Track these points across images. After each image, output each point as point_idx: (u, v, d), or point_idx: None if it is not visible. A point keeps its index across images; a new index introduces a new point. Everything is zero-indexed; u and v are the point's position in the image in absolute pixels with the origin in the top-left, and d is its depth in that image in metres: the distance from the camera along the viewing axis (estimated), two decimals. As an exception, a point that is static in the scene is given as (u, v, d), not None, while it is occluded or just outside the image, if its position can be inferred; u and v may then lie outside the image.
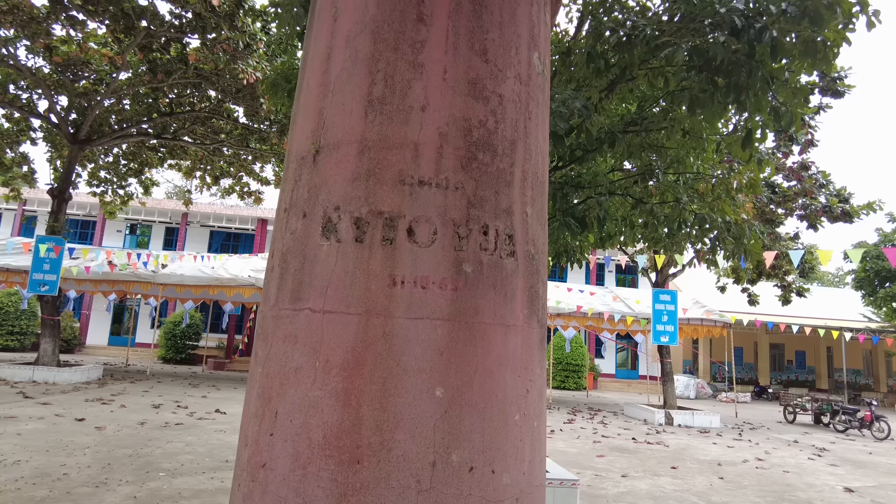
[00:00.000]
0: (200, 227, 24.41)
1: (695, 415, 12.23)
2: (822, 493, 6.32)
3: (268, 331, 1.66)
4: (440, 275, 1.54)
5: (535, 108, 1.87)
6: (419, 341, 1.50)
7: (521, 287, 1.69)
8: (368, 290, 1.52)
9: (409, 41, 1.67)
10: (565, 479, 4.81)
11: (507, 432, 1.58)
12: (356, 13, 1.74)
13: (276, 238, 1.77)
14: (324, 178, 1.65)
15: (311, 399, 1.48)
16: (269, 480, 1.51)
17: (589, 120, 3.29)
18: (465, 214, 1.60)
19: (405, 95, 1.63)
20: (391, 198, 1.57)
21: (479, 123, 1.67)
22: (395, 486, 1.41)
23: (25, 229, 23.91)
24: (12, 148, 15.87)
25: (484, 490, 1.50)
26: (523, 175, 1.77)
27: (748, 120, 3.67)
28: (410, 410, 1.45)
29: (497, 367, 1.59)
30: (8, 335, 19.87)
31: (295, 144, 1.81)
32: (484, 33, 1.74)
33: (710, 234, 4.56)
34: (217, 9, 9.82)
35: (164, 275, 14.55)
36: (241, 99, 12.76)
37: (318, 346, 1.52)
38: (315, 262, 1.59)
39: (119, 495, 4.45)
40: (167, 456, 5.91)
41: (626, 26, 3.26)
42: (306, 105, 1.80)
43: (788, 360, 26.32)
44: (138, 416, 8.33)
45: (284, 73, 5.43)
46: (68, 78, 13.45)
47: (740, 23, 2.98)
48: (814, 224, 13.22)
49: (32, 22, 11.18)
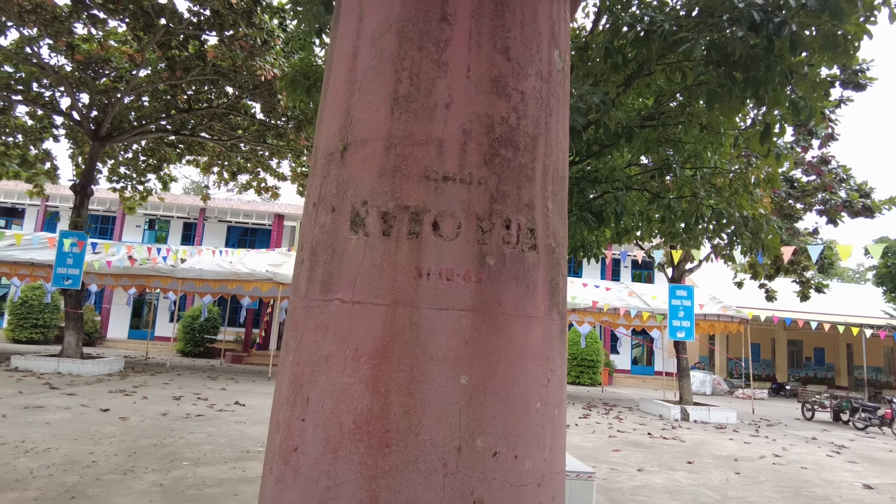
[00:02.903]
0: (218, 223, 24.70)
1: (711, 410, 12.17)
2: (839, 490, 6.29)
3: (298, 320, 1.73)
4: (464, 267, 1.60)
5: (556, 105, 1.91)
6: (444, 331, 1.55)
7: (542, 279, 1.74)
8: (395, 282, 1.57)
9: (433, 40, 1.72)
10: (581, 472, 4.85)
11: (528, 420, 1.63)
12: (381, 13, 1.80)
13: (305, 232, 1.83)
14: (351, 174, 1.70)
15: (341, 385, 1.55)
16: (301, 463, 1.57)
17: (607, 115, 3.31)
18: (488, 209, 1.65)
19: (430, 93, 1.68)
20: (417, 193, 1.62)
21: (501, 120, 1.71)
22: (423, 469, 1.47)
23: (48, 224, 24.36)
24: (35, 145, 16.18)
25: (507, 475, 1.56)
26: (544, 170, 1.81)
27: (766, 114, 3.66)
28: (437, 397, 1.51)
29: (519, 357, 1.64)
30: (32, 328, 20.30)
31: (322, 141, 1.87)
32: (506, 32, 1.78)
33: (727, 228, 4.56)
34: (235, 6, 9.92)
35: (183, 269, 14.77)
36: (258, 95, 12.88)
37: (347, 335, 1.58)
38: (344, 254, 1.64)
39: (146, 482, 4.58)
40: (189, 446, 6.04)
41: (644, 22, 3.28)
42: (333, 103, 1.86)
43: (807, 356, 26.03)
44: (160, 407, 8.50)
45: (303, 70, 5.49)
46: (89, 76, 13.67)
47: (759, 17, 2.98)
48: (834, 219, 13.05)
49: (55, 21, 11.38)
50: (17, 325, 20.25)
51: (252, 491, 4.61)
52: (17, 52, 12.70)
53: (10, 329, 20.35)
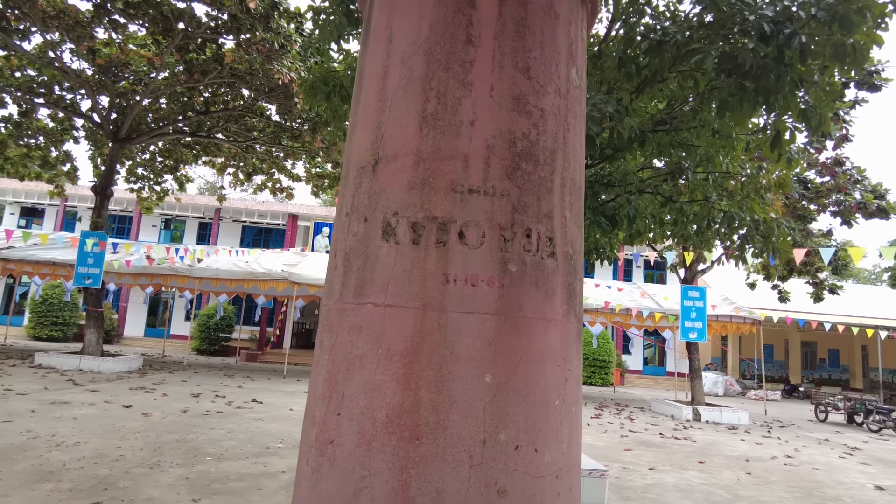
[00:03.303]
0: (233, 222, 25.01)
1: (723, 411, 12.19)
2: (851, 491, 6.34)
3: (333, 322, 1.85)
4: (488, 273, 1.72)
5: (573, 120, 2.03)
6: (469, 333, 1.68)
7: (560, 285, 1.85)
8: (424, 287, 1.70)
9: (459, 61, 1.84)
10: (594, 470, 4.96)
11: (547, 416, 1.75)
12: (410, 35, 1.92)
13: (338, 239, 1.96)
14: (382, 186, 1.83)
15: (374, 383, 1.67)
16: (337, 455, 1.70)
17: (621, 123, 3.41)
18: (510, 219, 1.77)
19: (456, 111, 1.80)
20: (444, 204, 1.74)
21: (522, 136, 1.83)
22: (451, 461, 1.59)
23: (67, 224, 24.80)
24: (56, 146, 16.52)
25: (528, 467, 1.67)
26: (562, 182, 1.93)
27: (777, 122, 3.74)
28: (463, 394, 1.63)
29: (539, 357, 1.76)
30: (52, 326, 20.71)
31: (354, 154, 1.99)
32: (527, 52, 1.90)
33: (738, 231, 4.64)
34: (252, 11, 10.11)
35: (200, 269, 15.02)
36: (274, 97, 13.08)
37: (380, 336, 1.70)
38: (376, 261, 1.77)
39: (172, 476, 4.75)
40: (211, 442, 6.22)
41: (657, 32, 3.38)
42: (364, 119, 1.98)
43: (821, 358, 25.84)
44: (180, 404, 8.71)
45: (322, 77, 5.63)
46: (109, 79, 13.94)
47: (769, 29, 3.07)
48: (848, 220, 13.01)
49: (77, 26, 11.65)
50: (37, 323, 20.66)
51: (274, 485, 4.76)
52: (41, 57, 13.00)
53: (31, 326, 20.78)
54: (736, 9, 3.18)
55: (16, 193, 24.58)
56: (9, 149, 15.43)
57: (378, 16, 2.09)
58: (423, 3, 1.92)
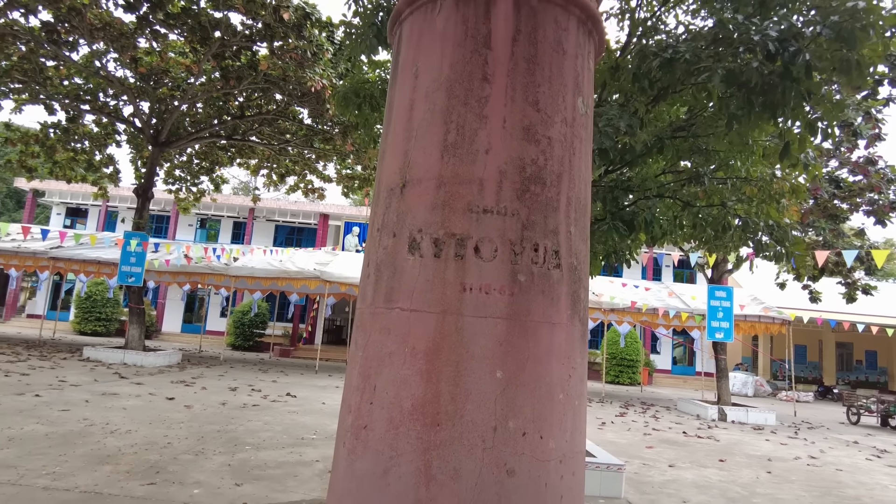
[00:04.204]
0: (266, 222, 25.70)
1: (749, 411, 12.17)
2: (872, 491, 6.39)
3: (366, 323, 2.14)
4: (500, 283, 1.98)
5: (579, 144, 2.27)
6: (483, 334, 1.94)
7: (565, 292, 2.10)
8: (444, 295, 1.96)
9: (475, 97, 2.10)
10: (612, 464, 5.17)
11: (552, 407, 2.00)
12: (433, 73, 2.18)
13: (370, 251, 2.24)
14: (409, 206, 2.10)
15: (401, 377, 1.95)
16: (370, 438, 1.98)
17: (633, 137, 3.61)
18: (520, 235, 2.02)
19: (473, 141, 2.06)
20: (462, 223, 2.01)
21: (531, 162, 2.08)
22: (466, 444, 1.85)
23: (108, 224, 25.84)
24: (100, 150, 17.29)
25: (534, 451, 1.93)
26: (568, 201, 2.17)
27: (786, 133, 3.90)
28: (477, 387, 1.89)
29: (545, 356, 2.01)
30: (96, 321, 21.66)
31: (384, 177, 2.27)
32: (536, 87, 2.15)
33: (753, 236, 4.78)
34: (286, 21, 10.51)
35: (236, 267, 15.59)
36: (306, 102, 13.51)
37: (406, 337, 1.98)
38: (403, 272, 2.04)
39: (216, 463, 5.13)
40: (249, 433, 6.61)
41: (667, 50, 3.58)
42: (393, 146, 2.26)
43: (858, 359, 25.27)
44: (218, 397, 9.17)
45: (354, 88, 5.92)
46: (150, 85, 14.57)
47: (773, 48, 3.25)
48: (882, 220, 12.82)
49: (122, 37, 12.24)
50: (82, 318, 21.64)
51: (309, 473, 5.10)
52: (87, 66, 13.68)
53: (77, 321, 21.78)
54: (742, 28, 3.36)
55: (62, 195, 25.72)
56: (57, 153, 16.25)
57: (406, 52, 2.36)
58: (445, 43, 2.19)
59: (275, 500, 4.23)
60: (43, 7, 11.19)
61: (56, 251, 16.21)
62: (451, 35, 2.18)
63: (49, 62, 13.62)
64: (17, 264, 16.68)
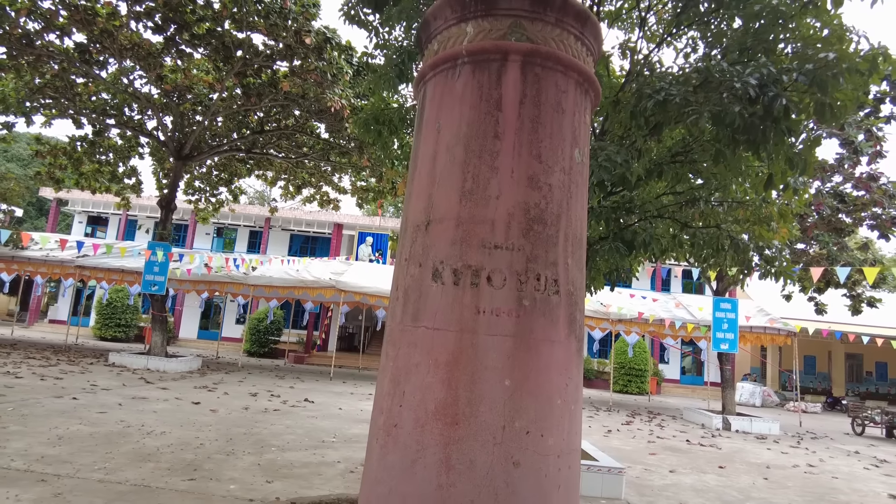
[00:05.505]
0: (281, 231, 26.29)
1: (753, 421, 12.42)
2: (864, 498, 6.67)
3: (396, 339, 2.55)
4: (508, 307, 2.38)
5: (576, 189, 2.67)
6: (494, 349, 2.34)
7: (563, 315, 2.51)
8: (462, 316, 2.37)
9: (488, 151, 2.52)
10: (613, 468, 5.53)
11: (552, 411, 2.40)
12: (453, 130, 2.61)
13: (399, 277, 2.66)
14: (432, 241, 2.52)
15: (426, 384, 2.36)
16: (399, 435, 2.39)
17: (629, 170, 4.01)
18: (525, 267, 2.43)
19: (486, 188, 2.48)
20: (476, 256, 2.42)
21: (534, 205, 2.49)
22: (480, 440, 2.26)
23: (128, 233, 26.54)
24: (124, 162, 17.94)
25: (536, 447, 2.33)
26: (566, 237, 2.58)
27: (770, 165, 4.29)
28: (489, 393, 2.30)
29: (546, 368, 2.41)
30: (116, 327, 22.29)
31: (411, 216, 2.69)
32: (539, 142, 2.56)
33: (744, 256, 5.14)
34: (307, 44, 11.03)
35: (254, 276, 16.11)
36: (324, 118, 14.03)
37: (430, 351, 2.39)
38: (427, 296, 2.46)
39: (246, 462, 5.56)
40: (273, 435, 7.03)
41: (660, 93, 3.99)
42: (419, 190, 2.68)
43: (868, 371, 25.29)
44: (240, 402, 9.62)
45: (374, 115, 6.37)
46: (174, 101, 15.18)
47: (754, 93, 3.65)
48: (885, 233, 13.08)
49: (149, 56, 12.84)
50: (103, 324, 22.27)
51: (332, 472, 5.51)
52: (115, 83, 14.30)
53: (98, 327, 22.41)
54: (726, 76, 3.76)
55: (84, 203, 26.47)
56: (83, 165, 16.90)
57: (430, 110, 2.79)
58: (463, 105, 2.61)
59: (304, 495, 4.64)
60: (77, 30, 11.80)
61: (82, 259, 16.82)
62: (468, 98, 2.60)
63: (79, 79, 14.27)
64: (44, 272, 17.32)
